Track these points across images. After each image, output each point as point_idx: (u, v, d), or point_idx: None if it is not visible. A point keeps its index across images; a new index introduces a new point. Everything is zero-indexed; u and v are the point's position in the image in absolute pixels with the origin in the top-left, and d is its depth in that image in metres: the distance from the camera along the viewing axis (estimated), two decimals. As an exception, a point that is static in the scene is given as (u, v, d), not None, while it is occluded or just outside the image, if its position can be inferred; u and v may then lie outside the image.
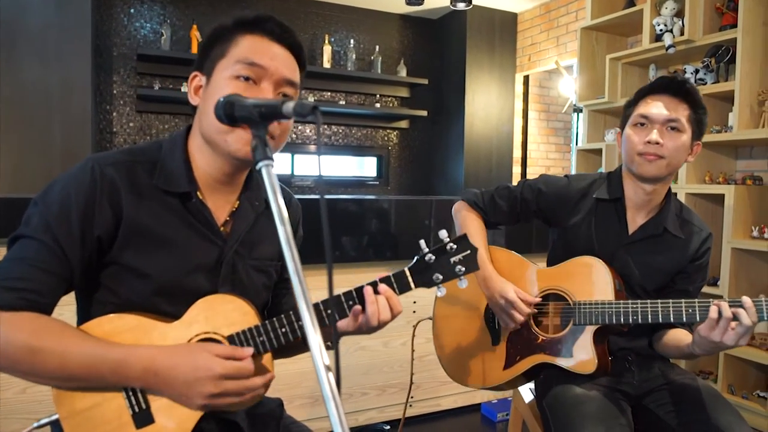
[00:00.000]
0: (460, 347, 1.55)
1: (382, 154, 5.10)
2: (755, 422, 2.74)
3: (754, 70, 2.84)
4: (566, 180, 1.52)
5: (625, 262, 1.41)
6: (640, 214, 1.44)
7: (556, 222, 1.51)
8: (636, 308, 1.26)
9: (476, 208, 1.57)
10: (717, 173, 3.12)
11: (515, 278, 1.47)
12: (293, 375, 2.41)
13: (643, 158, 1.32)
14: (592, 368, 1.30)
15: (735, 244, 2.82)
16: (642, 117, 1.32)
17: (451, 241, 0.99)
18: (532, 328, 1.42)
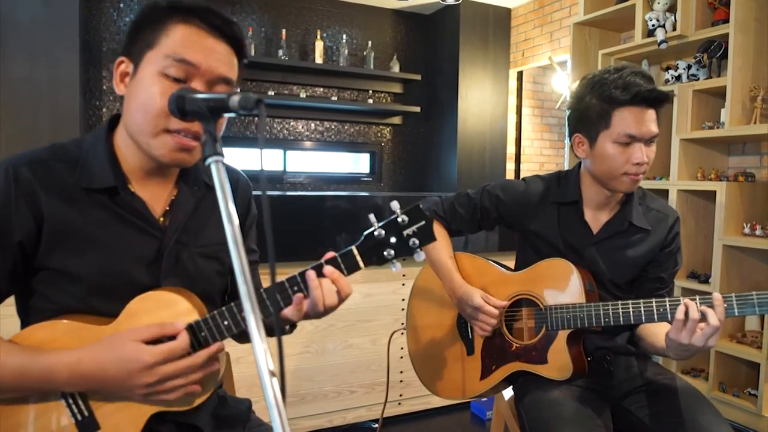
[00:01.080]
0: (436, 360, 1.54)
1: (375, 150, 5.07)
2: (746, 420, 2.72)
3: (747, 65, 2.82)
4: (524, 184, 1.48)
5: (594, 260, 1.39)
6: (602, 213, 1.41)
7: (519, 227, 1.49)
8: (607, 310, 1.24)
9: (437, 217, 1.55)
10: (709, 170, 3.10)
11: (484, 284, 1.45)
12: (280, 373, 2.38)
13: (628, 178, 1.28)
14: (567, 374, 1.28)
15: (726, 241, 2.80)
16: (628, 137, 1.25)
17: (402, 213, 0.90)
18: (506, 335, 1.40)
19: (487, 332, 1.38)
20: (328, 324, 2.47)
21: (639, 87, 1.22)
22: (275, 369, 0.62)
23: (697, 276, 3.04)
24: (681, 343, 1.09)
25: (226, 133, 4.48)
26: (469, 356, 1.46)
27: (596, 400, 1.32)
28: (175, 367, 0.86)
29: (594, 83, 1.28)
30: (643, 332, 1.33)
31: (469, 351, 1.46)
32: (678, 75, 3.19)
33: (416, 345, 1.60)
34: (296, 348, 2.41)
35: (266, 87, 4.52)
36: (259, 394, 2.36)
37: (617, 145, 1.27)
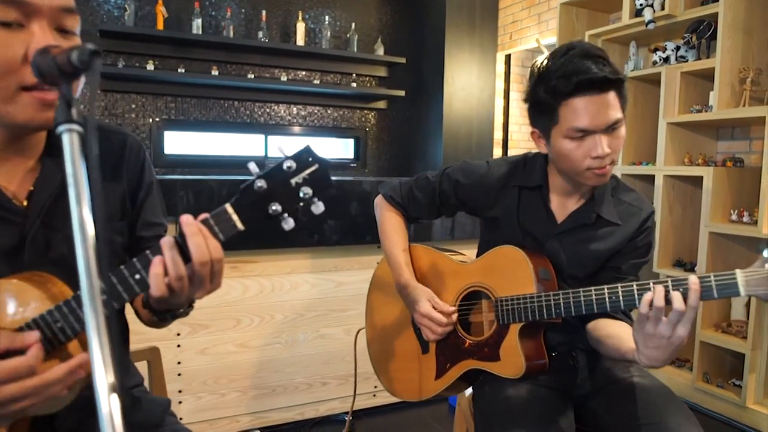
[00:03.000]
0: (392, 358, 1.44)
1: (360, 135, 4.95)
2: (730, 411, 2.66)
3: (736, 46, 2.71)
4: (486, 167, 1.36)
5: (555, 252, 1.27)
6: (569, 201, 1.28)
7: (480, 213, 1.37)
8: (558, 300, 1.12)
9: (394, 203, 1.44)
10: (696, 155, 3.01)
11: (437, 278, 1.35)
12: (248, 365, 2.29)
13: (592, 173, 1.13)
14: (520, 371, 1.17)
15: (713, 228, 2.72)
16: (578, 131, 1.10)
17: (289, 158, 0.74)
18: (459, 331, 1.30)
19: (433, 339, 1.29)
20: (298, 314, 2.37)
21: (581, 75, 1.06)
22: (114, 383, 0.50)
23: (683, 264, 2.95)
24: (647, 333, 0.93)
25: (204, 117, 4.36)
26: (424, 355, 1.36)
27: (558, 399, 1.22)
28: (21, 388, 0.70)
29: (540, 73, 1.14)
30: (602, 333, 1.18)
31: (424, 349, 1.37)
32: (666, 57, 3.08)
33: (373, 342, 1.51)
34: (264, 339, 2.32)
35: (246, 70, 4.39)
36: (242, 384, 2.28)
37: (570, 140, 1.12)
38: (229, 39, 4.19)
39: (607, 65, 1.09)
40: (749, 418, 2.57)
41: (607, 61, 1.10)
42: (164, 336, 2.12)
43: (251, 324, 2.29)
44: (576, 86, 1.07)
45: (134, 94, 4.17)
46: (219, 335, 2.23)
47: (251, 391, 2.32)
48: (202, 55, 4.22)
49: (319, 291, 2.40)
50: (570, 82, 1.07)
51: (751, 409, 2.56)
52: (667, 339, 0.93)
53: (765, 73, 2.81)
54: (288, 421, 2.41)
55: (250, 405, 2.33)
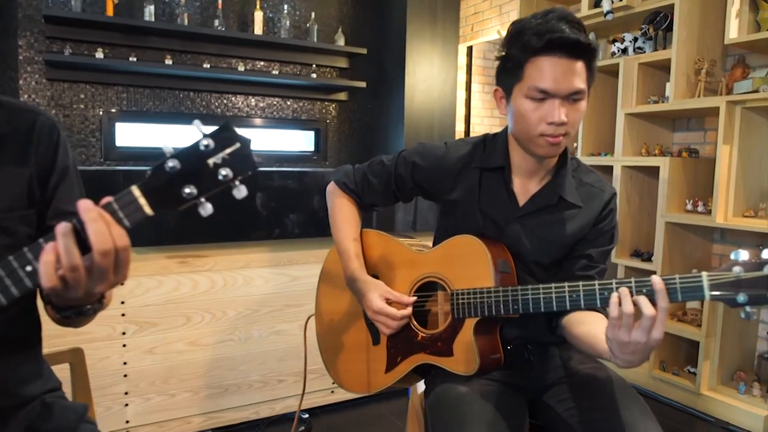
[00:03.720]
0: (341, 349, 1.38)
1: (320, 127, 4.86)
2: (685, 399, 2.69)
3: (692, 37, 2.73)
4: (444, 148, 1.29)
5: (517, 237, 1.21)
6: (531, 182, 1.23)
7: (438, 198, 1.31)
8: (516, 296, 1.07)
9: (347, 190, 1.37)
10: (653, 145, 3.03)
11: (391, 268, 1.29)
12: (199, 364, 2.20)
13: (545, 140, 1.09)
14: (473, 368, 1.12)
15: (669, 218, 2.74)
16: (540, 92, 1.05)
17: (207, 136, 0.67)
18: (412, 324, 1.24)
19: (388, 333, 1.22)
20: (252, 310, 2.29)
21: (554, 33, 1.02)
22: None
23: (640, 254, 2.98)
24: (621, 341, 0.89)
25: (157, 108, 4.21)
26: (374, 346, 1.30)
27: (513, 395, 1.18)
28: None
29: (516, 30, 1.10)
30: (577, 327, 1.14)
31: (375, 340, 1.31)
32: (624, 48, 3.09)
33: (322, 333, 1.44)
34: (217, 336, 2.23)
35: (201, 59, 4.25)
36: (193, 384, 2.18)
37: (530, 100, 1.08)
38: (183, 27, 4.04)
39: (582, 32, 1.06)
40: (703, 404, 2.61)
41: (584, 29, 1.07)
42: (108, 335, 2.02)
43: (202, 321, 2.20)
44: (547, 44, 1.03)
45: (83, 83, 3.98)
46: (168, 333, 2.13)
47: (203, 391, 2.24)
48: (155, 44, 4.06)
49: (274, 286, 2.32)
50: (542, 39, 1.03)
51: (705, 396, 2.60)
52: (643, 344, 0.88)
53: (719, 65, 2.85)
54: (242, 421, 2.33)
55: (202, 405, 2.24)
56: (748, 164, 2.60)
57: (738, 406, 2.49)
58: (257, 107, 4.61)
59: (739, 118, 2.53)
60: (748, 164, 2.60)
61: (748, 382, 2.58)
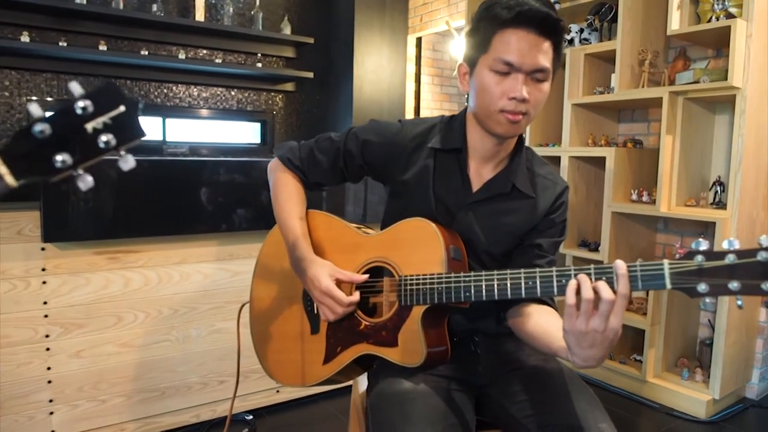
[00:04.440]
0: (276, 339, 1.28)
1: (266, 119, 4.72)
2: (631, 386, 2.72)
3: (636, 28, 2.75)
4: (399, 126, 1.21)
5: (468, 224, 1.15)
6: (486, 167, 1.17)
7: (388, 178, 1.23)
8: (468, 283, 1.01)
9: (291, 167, 1.28)
10: (599, 136, 3.05)
11: (336, 251, 1.21)
12: (132, 366, 2.07)
13: (504, 117, 1.04)
14: (418, 360, 1.05)
15: (615, 207, 2.76)
16: (506, 64, 1.01)
17: (83, 97, 0.59)
18: (355, 311, 1.16)
19: (333, 319, 1.14)
20: (190, 307, 2.17)
21: (524, 6, 1.00)
22: None
23: (588, 244, 2.99)
24: (579, 330, 0.83)
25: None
26: (313, 335, 1.21)
27: (459, 391, 1.12)
28: None
29: (486, 4, 1.06)
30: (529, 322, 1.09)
31: (314, 329, 1.21)
32: (570, 39, 3.10)
33: (257, 321, 1.34)
34: (151, 336, 2.10)
35: (139, 46, 4.05)
36: (125, 387, 2.03)
37: (494, 73, 1.03)
38: (118, 11, 3.83)
39: (553, 10, 1.02)
40: (649, 391, 2.64)
41: (554, 8, 1.04)
42: (29, 339, 1.86)
43: (135, 321, 2.06)
44: (516, 16, 1.00)
45: (7, 69, 3.73)
46: (97, 335, 1.99)
47: (137, 395, 2.10)
48: (87, 28, 3.83)
49: (213, 282, 2.20)
50: (511, 11, 1.00)
51: (650, 383, 2.63)
52: (601, 333, 0.83)
53: (662, 56, 2.88)
54: (182, 425, 2.20)
55: (137, 410, 2.10)
56: (690, 154, 2.64)
57: (682, 392, 2.53)
58: (200, 97, 4.43)
59: (681, 108, 2.56)
60: (690, 154, 2.64)
61: (690, 369, 2.63)
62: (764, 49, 2.43)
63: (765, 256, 0.74)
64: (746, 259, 0.76)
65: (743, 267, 0.76)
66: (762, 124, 2.49)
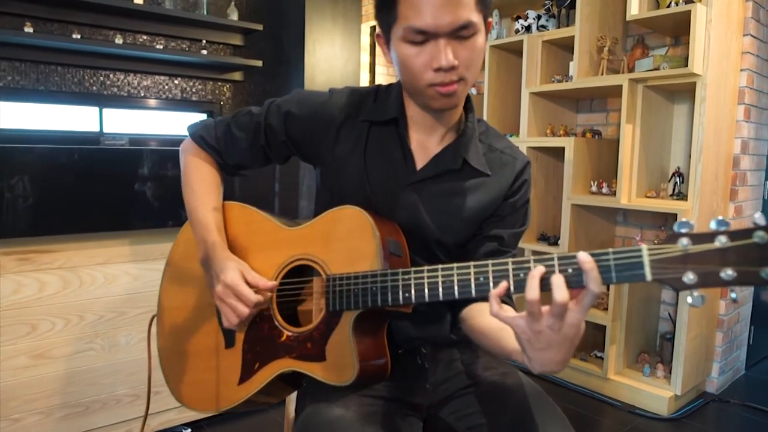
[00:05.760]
0: (185, 356, 1.09)
1: (213, 109, 4.47)
2: (593, 384, 2.64)
3: (594, 14, 2.67)
4: (327, 95, 1.04)
5: (414, 209, 0.98)
6: (431, 140, 1.00)
7: (316, 157, 1.05)
8: (408, 280, 0.83)
9: (206, 147, 1.08)
10: (558, 126, 2.96)
11: (258, 248, 1.03)
12: (51, 380, 1.84)
13: (435, 91, 0.88)
14: (350, 377, 0.88)
15: (574, 200, 2.67)
16: (418, 33, 0.84)
17: None
18: (276, 319, 0.98)
19: (235, 324, 0.95)
20: (117, 312, 1.95)
21: None
22: None
23: (547, 238, 2.90)
24: (533, 331, 0.70)
25: (17, 84, 3.66)
26: (227, 350, 1.03)
27: (403, 415, 0.95)
28: None
29: None
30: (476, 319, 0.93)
31: (228, 342, 1.03)
32: (528, 25, 2.99)
33: (165, 334, 1.14)
34: (72, 345, 1.88)
35: (70, 29, 3.74)
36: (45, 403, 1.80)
37: (409, 44, 0.86)
38: (47, -9, 3.53)
39: None
40: (611, 389, 2.56)
41: None
42: None
43: (53, 329, 1.83)
44: None
45: None
46: (7, 346, 1.75)
47: (58, 412, 1.87)
48: (11, 8, 3.51)
49: (144, 283, 1.98)
50: None
51: (612, 380, 2.55)
52: (556, 332, 0.69)
53: (620, 44, 2.81)
54: (111, 442, 1.99)
55: (58, 428, 1.88)
56: (649, 144, 2.57)
57: (643, 389, 2.46)
58: (140, 86, 4.15)
59: (641, 96, 2.48)
60: (649, 144, 2.57)
61: (652, 364, 2.56)
62: (724, 36, 2.37)
63: (762, 237, 0.60)
64: (740, 241, 0.62)
65: (737, 251, 0.62)
66: (721, 113, 2.43)
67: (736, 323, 2.75)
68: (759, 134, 2.75)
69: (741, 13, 2.51)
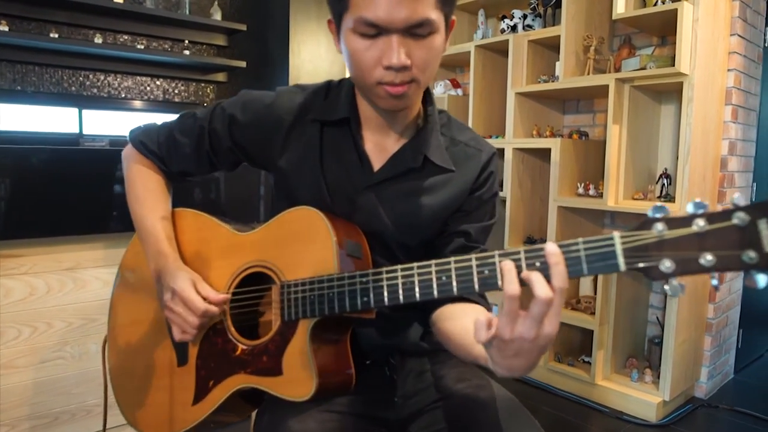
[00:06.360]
0: (137, 374, 1.03)
1: (196, 111, 4.40)
2: (580, 390, 2.59)
3: (580, 14, 2.63)
4: (272, 97, 0.97)
5: (372, 213, 0.93)
6: (387, 139, 0.94)
7: (267, 163, 0.99)
8: (366, 283, 0.78)
9: (147, 153, 1.03)
10: (544, 127, 2.92)
11: (211, 256, 0.97)
12: (17, 390, 1.76)
13: (384, 90, 0.81)
14: (308, 392, 0.81)
15: (561, 202, 2.62)
16: (369, 25, 0.77)
17: None
18: (230, 332, 0.92)
19: (185, 336, 0.89)
20: (89, 319, 1.88)
21: None
22: None
23: (534, 241, 2.85)
24: (503, 339, 0.64)
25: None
26: (180, 367, 0.96)
27: (366, 431, 0.89)
28: None
29: None
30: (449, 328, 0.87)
31: (181, 359, 0.96)
32: (514, 25, 2.95)
33: (116, 352, 1.08)
34: (40, 354, 1.80)
35: (48, 28, 3.66)
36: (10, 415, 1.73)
37: (359, 36, 0.79)
38: (23, -11, 3.45)
39: None
40: (599, 395, 2.52)
41: None
42: None
43: (19, 337, 1.76)
44: None
45: None
46: (-31, 355, 1.68)
47: (24, 423, 1.79)
48: (-15, 7, 3.43)
49: (115, 289, 1.91)
50: None
51: (600, 386, 2.51)
52: (530, 341, 0.63)
53: (607, 43, 2.77)
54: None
55: (24, 441, 1.80)
56: (636, 145, 2.53)
57: (631, 395, 2.41)
58: (121, 87, 4.07)
59: (628, 96, 2.44)
60: (636, 145, 2.53)
61: (640, 369, 2.52)
62: (711, 35, 2.34)
63: (743, 218, 0.55)
64: (719, 224, 0.57)
65: (716, 234, 0.58)
66: (709, 114, 2.40)
67: (724, 326, 2.72)
68: (747, 135, 2.72)
69: (728, 13, 2.48)
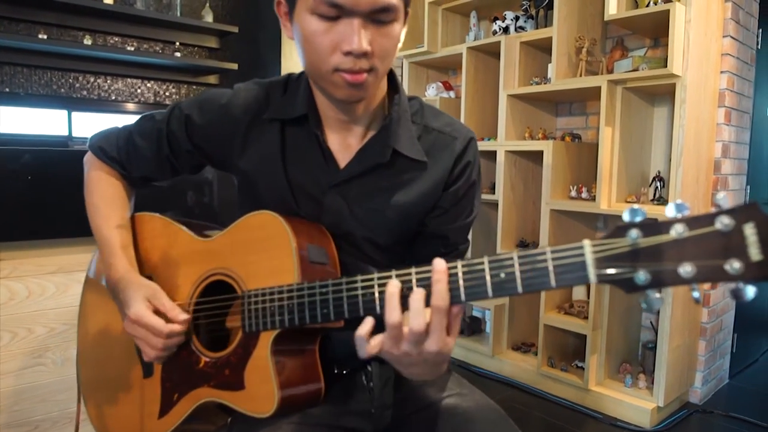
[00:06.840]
0: (105, 386, 1.00)
1: (187, 113, 4.36)
2: (574, 396, 2.55)
3: (572, 15, 2.60)
4: (229, 95, 0.91)
5: (339, 214, 0.88)
6: (352, 135, 0.88)
7: (228, 166, 0.94)
8: (325, 295, 0.73)
9: (106, 159, 0.99)
10: (537, 130, 2.89)
11: (175, 262, 0.93)
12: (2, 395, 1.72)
13: (341, 78, 0.76)
14: (270, 408, 0.77)
15: (554, 205, 2.59)
16: (331, 6, 0.72)
17: None
18: (193, 343, 0.88)
19: (154, 357, 0.86)
20: (70, 324, 1.83)
21: None
22: None
23: (526, 244, 2.83)
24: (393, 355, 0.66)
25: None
26: (146, 379, 0.93)
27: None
28: None
29: None
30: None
31: (146, 371, 0.93)
32: (506, 26, 2.93)
33: (84, 362, 1.05)
34: (20, 360, 1.75)
35: (37, 29, 3.61)
36: None
37: (318, 18, 0.74)
38: (11, -10, 3.41)
39: None
40: (592, 400, 2.48)
41: None
42: None
43: (-3, 343, 1.71)
44: None
45: None
46: (-55, 362, 1.63)
47: (6, 429, 1.75)
48: (-27, 8, 3.39)
49: (97, 294, 1.87)
50: None
51: (593, 392, 2.47)
52: (416, 356, 0.65)
53: (599, 45, 2.75)
54: (61, 464, 1.86)
55: (3, 449, 1.75)
56: (629, 148, 2.51)
57: (625, 401, 2.38)
58: (111, 89, 4.03)
59: (620, 99, 2.42)
60: (629, 148, 2.51)
61: (633, 374, 2.49)
62: (703, 37, 2.32)
63: (726, 223, 0.51)
64: (700, 230, 0.52)
65: (697, 241, 0.52)
66: (701, 116, 2.38)
67: (719, 331, 2.69)
68: (740, 138, 2.70)
69: (720, 14, 2.46)
